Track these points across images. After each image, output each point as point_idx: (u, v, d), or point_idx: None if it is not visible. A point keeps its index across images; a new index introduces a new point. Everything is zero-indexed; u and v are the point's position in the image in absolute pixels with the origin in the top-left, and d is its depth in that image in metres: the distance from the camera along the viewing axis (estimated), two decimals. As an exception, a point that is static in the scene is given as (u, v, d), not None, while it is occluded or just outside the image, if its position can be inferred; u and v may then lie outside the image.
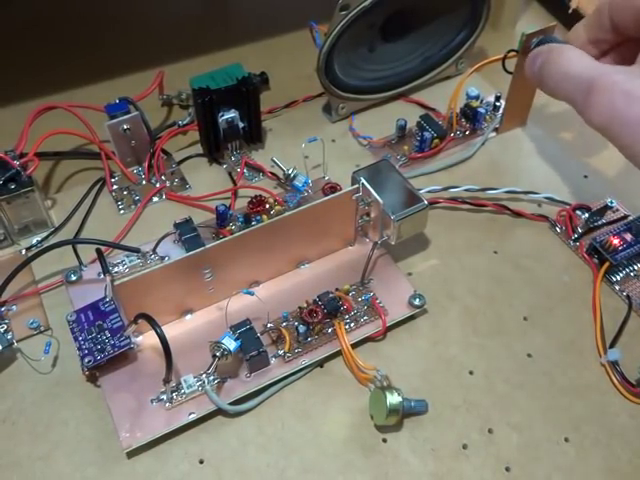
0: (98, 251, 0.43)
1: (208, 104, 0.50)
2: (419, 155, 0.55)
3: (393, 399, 0.39)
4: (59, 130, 0.50)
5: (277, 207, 0.50)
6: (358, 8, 0.51)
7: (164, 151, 0.55)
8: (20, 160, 0.46)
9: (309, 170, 0.53)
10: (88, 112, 0.53)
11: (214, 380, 0.40)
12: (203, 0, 0.76)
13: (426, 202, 0.46)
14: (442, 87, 0.62)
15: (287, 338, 0.42)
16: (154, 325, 0.38)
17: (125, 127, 0.51)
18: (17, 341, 0.43)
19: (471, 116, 0.57)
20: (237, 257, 0.43)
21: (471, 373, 0.43)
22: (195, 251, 0.41)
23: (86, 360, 0.40)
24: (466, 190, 0.52)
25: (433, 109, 0.60)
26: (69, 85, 0.62)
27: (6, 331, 0.43)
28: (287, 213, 0.43)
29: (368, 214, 0.47)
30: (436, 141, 0.56)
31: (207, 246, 0.41)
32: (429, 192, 0.51)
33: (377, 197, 0.45)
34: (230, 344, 0.39)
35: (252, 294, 0.42)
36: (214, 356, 0.39)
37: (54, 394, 0.41)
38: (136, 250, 0.46)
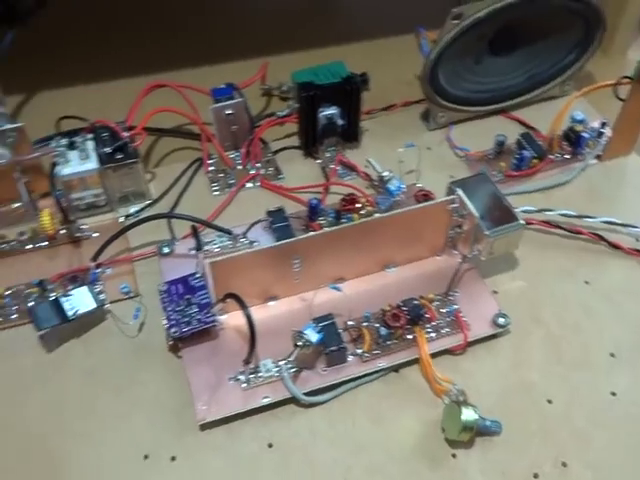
0: (194, 228, 0.45)
1: (311, 99, 0.51)
2: (516, 173, 0.54)
3: (469, 415, 0.38)
4: (167, 108, 0.52)
5: (368, 208, 0.50)
6: (471, 18, 0.51)
7: (261, 140, 0.56)
8: (129, 132, 0.48)
9: (402, 175, 0.53)
10: (193, 93, 0.54)
11: (292, 368, 0.41)
12: None
13: (523, 222, 0.45)
14: (544, 107, 0.61)
15: (367, 338, 0.42)
16: (243, 306, 0.38)
17: (229, 112, 0.52)
18: (109, 303, 0.45)
19: (574, 140, 0.56)
20: (326, 252, 0.43)
21: (550, 402, 0.42)
22: (290, 240, 0.41)
23: (172, 330, 0.41)
24: (562, 215, 0.50)
25: (533, 128, 0.59)
26: (177, 66, 0.64)
27: (99, 292, 0.45)
28: (382, 215, 0.43)
29: (460, 226, 0.46)
30: (535, 161, 0.55)
31: (301, 237, 0.42)
32: (523, 212, 0.50)
33: (473, 210, 0.44)
34: (312, 336, 0.40)
35: (339, 290, 0.42)
36: (296, 345, 0.40)
37: (138, 358, 0.43)
38: (228, 232, 0.47)
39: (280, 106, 0.62)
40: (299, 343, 0.40)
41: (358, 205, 0.50)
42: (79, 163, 0.47)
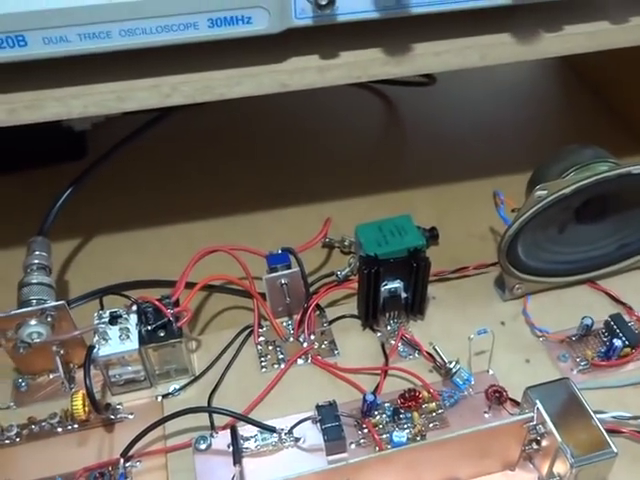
0: (232, 431, 0.40)
1: (374, 275, 0.47)
2: (603, 363, 0.48)
3: None
4: (217, 276, 0.49)
5: (431, 405, 0.44)
6: (556, 194, 0.46)
7: (318, 305, 0.52)
8: (174, 309, 0.45)
9: (472, 356, 0.47)
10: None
11: None
12: (378, 141, 0.74)
13: (615, 450, 0.38)
14: (638, 277, 0.54)
15: None
16: None
17: (283, 282, 0.49)
18: (135, 509, 0.40)
19: (674, 324, 0.49)
20: (380, 470, 0.38)
21: None
22: (336, 465, 0.36)
23: None
24: (661, 425, 0.43)
25: (624, 304, 0.52)
26: (234, 215, 0.62)
27: (125, 492, 0.41)
28: (446, 437, 0.37)
29: (538, 442, 0.40)
30: (626, 350, 0.48)
31: (349, 462, 0.36)
32: (614, 417, 0.43)
33: (555, 432, 0.38)
34: None
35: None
36: None
37: None
38: (272, 429, 0.42)
39: (341, 259, 0.58)
40: None
41: (420, 400, 0.44)
42: (118, 342, 0.44)
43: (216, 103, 0.44)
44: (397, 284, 0.49)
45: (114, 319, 0.45)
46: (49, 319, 0.43)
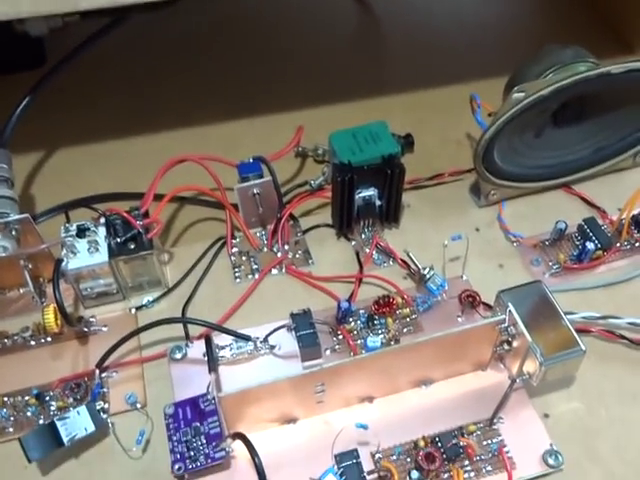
0: (207, 341, 0.40)
1: (348, 182, 0.46)
2: (575, 266, 0.48)
3: None
4: (186, 187, 0.48)
5: (405, 310, 0.44)
6: (534, 96, 0.45)
7: (291, 215, 0.51)
8: (143, 221, 0.44)
9: (446, 262, 0.47)
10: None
11: (309, 516, 0.36)
12: (352, 46, 0.71)
13: (583, 348, 0.39)
14: (612, 181, 0.54)
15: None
16: (252, 454, 0.34)
17: (255, 192, 0.48)
18: (112, 414, 0.41)
19: (646, 227, 0.49)
20: (355, 375, 0.38)
21: None
22: (311, 371, 0.36)
23: (176, 467, 0.37)
24: (630, 324, 0.44)
25: (598, 208, 0.52)
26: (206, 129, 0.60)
27: (104, 400, 0.41)
28: (419, 340, 0.38)
29: (509, 343, 0.41)
30: (598, 252, 0.48)
31: (324, 366, 0.37)
32: (584, 318, 0.44)
33: (525, 333, 0.39)
34: (333, 487, 0.35)
35: (365, 428, 0.37)
36: (314, 497, 0.35)
37: (140, 485, 0.38)
38: (247, 337, 0.43)
39: (315, 169, 0.57)
40: (318, 496, 0.35)
41: (394, 307, 0.44)
42: (87, 255, 0.43)
43: (183, 4, 0.41)
44: (371, 192, 0.48)
45: (82, 232, 0.44)
46: (13, 233, 0.42)
